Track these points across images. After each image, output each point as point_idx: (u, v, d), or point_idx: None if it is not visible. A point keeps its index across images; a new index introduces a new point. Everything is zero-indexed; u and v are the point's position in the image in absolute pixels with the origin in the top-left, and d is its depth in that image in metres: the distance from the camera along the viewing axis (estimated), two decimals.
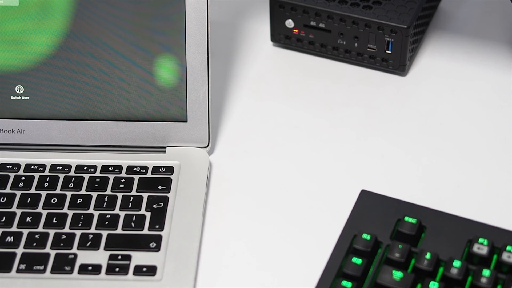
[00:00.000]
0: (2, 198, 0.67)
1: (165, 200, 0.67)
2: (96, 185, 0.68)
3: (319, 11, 0.78)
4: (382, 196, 0.64)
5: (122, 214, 0.66)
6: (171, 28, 0.68)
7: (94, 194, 0.67)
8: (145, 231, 0.64)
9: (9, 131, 0.71)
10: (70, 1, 0.68)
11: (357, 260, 0.58)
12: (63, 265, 0.62)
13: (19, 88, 0.70)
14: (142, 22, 0.68)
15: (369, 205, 0.63)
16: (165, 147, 0.71)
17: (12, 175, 0.69)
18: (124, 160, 0.70)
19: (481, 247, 0.58)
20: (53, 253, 0.63)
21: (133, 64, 0.69)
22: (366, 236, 0.60)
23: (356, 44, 0.79)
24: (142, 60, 0.69)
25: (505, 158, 0.71)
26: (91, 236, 0.64)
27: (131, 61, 0.69)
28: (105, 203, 0.66)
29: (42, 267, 0.62)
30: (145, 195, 0.67)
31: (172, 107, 0.70)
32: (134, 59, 0.69)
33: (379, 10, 0.77)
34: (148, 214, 0.66)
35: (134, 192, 0.67)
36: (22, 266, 0.62)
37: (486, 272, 0.56)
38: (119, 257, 0.62)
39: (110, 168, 0.69)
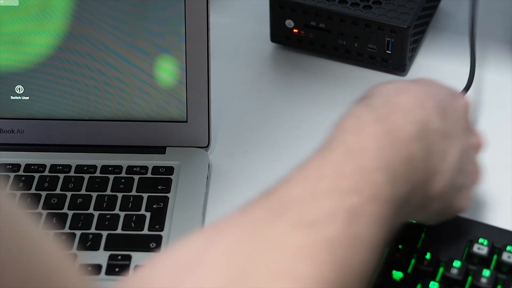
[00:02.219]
0: None
1: (165, 200, 0.67)
2: (96, 185, 0.68)
3: (319, 11, 0.78)
4: None
5: (122, 214, 0.66)
6: (171, 29, 0.68)
7: (94, 195, 0.67)
8: (145, 231, 0.64)
9: (9, 131, 0.71)
10: (69, 2, 0.68)
11: None
12: None
13: (19, 88, 0.70)
14: (142, 23, 0.68)
15: None
16: (165, 147, 0.71)
17: (12, 175, 0.69)
18: (124, 160, 0.70)
19: (481, 247, 0.58)
20: None
21: (133, 65, 0.69)
22: None
23: (356, 44, 0.79)
24: (142, 61, 0.69)
25: (505, 158, 0.71)
26: (91, 236, 0.64)
27: (130, 63, 0.69)
28: (105, 204, 0.66)
29: None
30: (145, 196, 0.67)
31: (172, 108, 0.70)
32: (134, 60, 0.69)
33: (379, 10, 0.77)
34: (148, 214, 0.66)
35: (134, 192, 0.67)
36: None
37: (486, 272, 0.56)
38: (119, 257, 0.62)
39: (110, 168, 0.69)
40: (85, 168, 0.69)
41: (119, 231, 0.64)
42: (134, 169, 0.69)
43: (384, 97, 0.52)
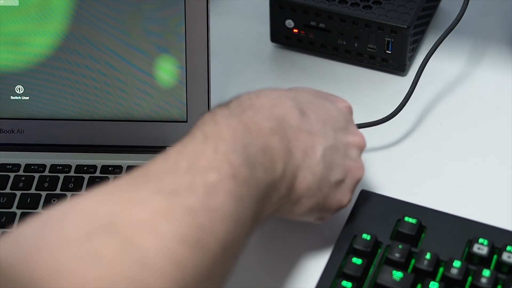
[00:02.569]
0: (2, 198, 0.67)
1: None
2: (96, 185, 0.68)
3: (319, 11, 0.78)
4: (382, 196, 0.64)
5: None
6: (171, 29, 0.68)
7: None
8: None
9: (9, 131, 0.71)
10: (69, 3, 0.68)
11: (357, 260, 0.58)
12: None
13: (19, 88, 0.70)
14: (142, 23, 0.68)
15: (369, 205, 0.63)
16: (165, 147, 0.71)
17: (12, 175, 0.69)
18: (124, 160, 0.70)
19: (481, 247, 0.58)
20: None
21: (133, 66, 0.69)
22: (366, 236, 0.60)
23: (356, 44, 0.79)
24: (142, 62, 0.69)
25: (505, 158, 0.71)
26: None
27: (130, 63, 0.69)
28: None
29: None
30: None
31: (172, 108, 0.70)
32: (134, 60, 0.69)
33: (379, 10, 0.77)
34: None
35: None
36: None
37: (486, 272, 0.56)
38: None
39: (110, 168, 0.69)
40: (85, 168, 0.69)
41: None
42: (134, 169, 0.69)
43: (239, 101, 0.56)
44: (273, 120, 0.54)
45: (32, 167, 0.69)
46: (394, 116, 0.72)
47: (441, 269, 0.58)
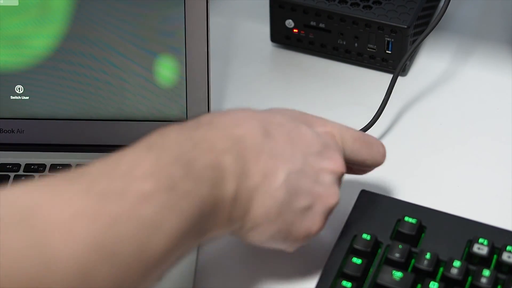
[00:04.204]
0: None
1: None
2: None
3: (319, 11, 0.78)
4: (382, 196, 0.64)
5: None
6: (171, 28, 0.68)
7: None
8: None
9: (9, 131, 0.71)
10: (69, 2, 0.68)
11: (357, 260, 0.58)
12: None
13: (19, 88, 0.70)
14: (142, 23, 0.68)
15: (369, 205, 0.63)
16: None
17: (12, 175, 0.69)
18: None
19: (481, 247, 0.58)
20: None
21: (133, 64, 0.69)
22: (366, 236, 0.59)
23: (356, 44, 0.79)
24: (142, 61, 0.69)
25: (505, 158, 0.71)
26: None
27: (131, 62, 0.69)
28: None
29: None
30: None
31: (172, 107, 0.70)
32: (134, 59, 0.69)
33: (379, 10, 0.77)
34: None
35: None
36: None
37: (486, 272, 0.56)
38: None
39: None
40: None
41: None
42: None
43: (198, 118, 0.54)
44: (228, 139, 0.52)
45: (32, 167, 0.69)
46: (379, 116, 0.72)
47: (441, 269, 0.58)
